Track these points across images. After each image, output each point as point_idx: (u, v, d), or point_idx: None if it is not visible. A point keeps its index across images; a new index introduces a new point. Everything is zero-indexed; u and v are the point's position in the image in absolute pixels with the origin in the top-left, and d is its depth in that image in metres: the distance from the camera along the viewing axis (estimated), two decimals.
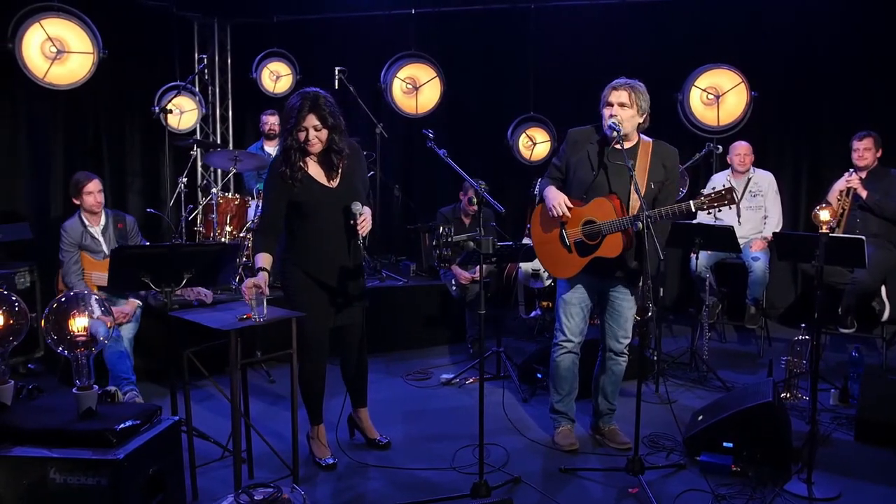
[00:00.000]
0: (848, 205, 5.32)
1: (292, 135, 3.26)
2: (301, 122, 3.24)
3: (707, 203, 3.25)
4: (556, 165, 3.66)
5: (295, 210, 3.37)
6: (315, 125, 3.26)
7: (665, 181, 3.49)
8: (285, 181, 3.30)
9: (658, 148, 3.51)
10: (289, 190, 3.32)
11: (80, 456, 2.24)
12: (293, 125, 3.25)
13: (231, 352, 2.88)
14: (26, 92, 5.73)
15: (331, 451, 3.61)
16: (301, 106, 3.23)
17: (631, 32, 6.85)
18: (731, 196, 3.22)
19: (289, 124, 3.27)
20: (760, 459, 3.44)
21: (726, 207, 3.26)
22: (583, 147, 3.55)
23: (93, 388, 2.45)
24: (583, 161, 3.52)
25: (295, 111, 3.24)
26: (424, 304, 5.92)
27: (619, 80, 3.46)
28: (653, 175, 3.45)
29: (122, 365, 4.27)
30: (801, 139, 6.69)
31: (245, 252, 5.47)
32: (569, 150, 3.60)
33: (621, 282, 3.57)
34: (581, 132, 3.62)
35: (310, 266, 3.41)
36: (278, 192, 3.34)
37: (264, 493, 2.58)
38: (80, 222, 4.57)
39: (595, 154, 3.50)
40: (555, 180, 3.63)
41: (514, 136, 6.97)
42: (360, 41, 7.30)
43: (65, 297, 2.49)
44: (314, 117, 3.24)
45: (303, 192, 3.33)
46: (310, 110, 3.23)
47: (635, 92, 3.41)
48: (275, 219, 3.38)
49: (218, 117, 7.64)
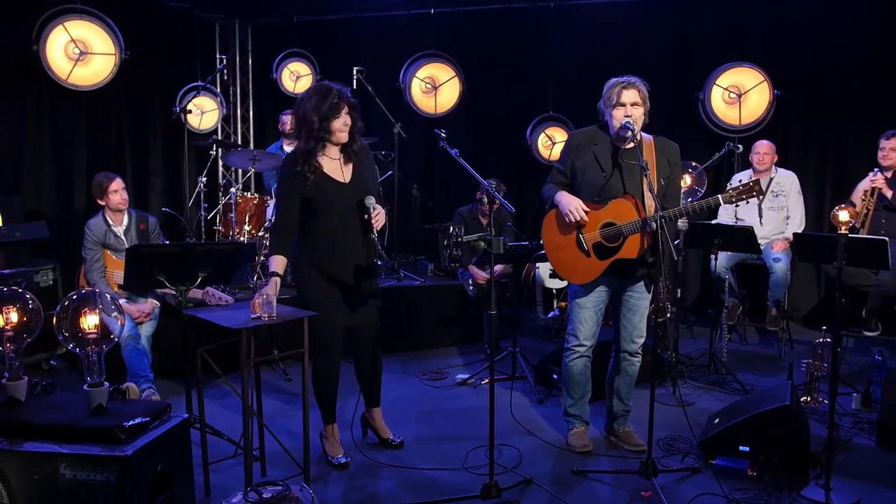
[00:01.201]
0: (873, 205, 5.21)
1: (324, 126, 3.27)
2: (340, 108, 3.28)
3: (735, 196, 3.28)
4: (560, 170, 3.59)
5: (308, 207, 3.39)
6: (347, 114, 3.32)
7: (670, 176, 3.46)
8: (298, 177, 3.32)
9: (660, 144, 3.48)
10: (302, 186, 3.33)
11: (90, 452, 2.27)
12: (330, 113, 3.27)
13: (242, 350, 2.90)
14: (51, 93, 5.83)
15: (343, 450, 3.62)
16: (335, 95, 3.28)
17: (651, 30, 6.79)
18: (758, 188, 3.25)
19: (321, 112, 3.26)
20: (777, 464, 3.38)
21: (746, 204, 3.25)
22: (587, 149, 3.50)
23: (104, 385, 2.48)
24: (590, 163, 3.47)
25: (329, 100, 3.26)
26: (442, 304, 5.92)
27: (628, 78, 3.41)
28: (660, 172, 3.41)
29: (140, 363, 4.32)
30: (826, 138, 6.57)
31: (263, 251, 5.51)
32: (572, 154, 3.54)
33: (640, 280, 3.53)
34: (583, 134, 3.58)
35: (323, 263, 3.42)
36: (292, 188, 3.36)
37: (273, 490, 2.60)
38: (104, 221, 4.64)
39: (604, 155, 3.45)
40: (560, 185, 3.57)
41: (534, 135, 6.95)
42: (379, 41, 7.32)
43: (76, 294, 2.52)
44: (347, 107, 3.32)
45: (316, 188, 3.35)
46: (344, 100, 3.30)
47: (642, 90, 3.39)
48: (289, 216, 3.39)
49: (239, 117, 7.71)
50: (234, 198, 5.62)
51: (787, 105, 6.05)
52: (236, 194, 5.66)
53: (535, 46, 7.18)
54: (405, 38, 7.13)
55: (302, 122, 3.33)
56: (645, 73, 3.48)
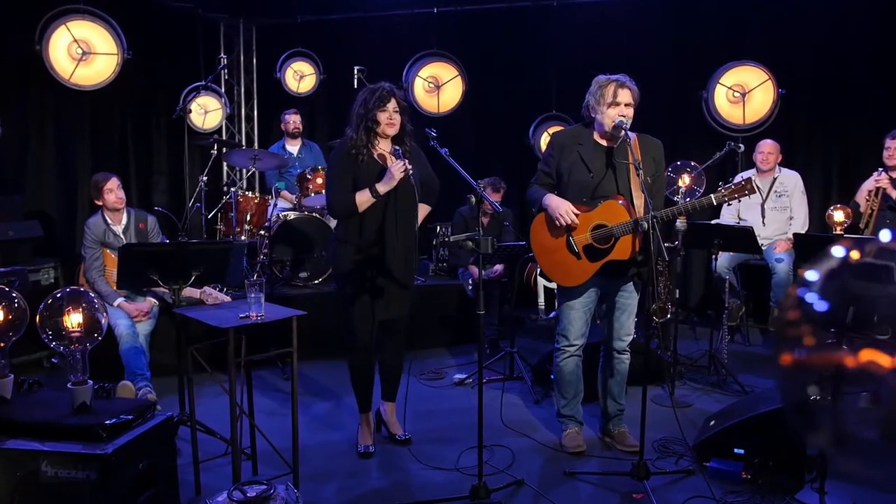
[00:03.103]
0: (877, 205, 5.14)
1: (370, 116, 3.44)
2: (386, 102, 3.43)
3: (728, 195, 3.24)
4: (545, 171, 3.55)
5: (356, 188, 3.47)
6: (395, 108, 3.47)
7: (655, 174, 3.44)
8: (350, 158, 3.46)
9: (645, 142, 3.45)
10: (354, 166, 3.46)
11: (71, 450, 2.28)
12: (375, 105, 3.42)
13: (229, 349, 2.90)
14: (54, 93, 5.88)
15: (372, 440, 3.76)
16: (384, 91, 3.45)
17: (653, 29, 6.75)
18: (750, 186, 3.21)
19: (369, 105, 3.44)
20: (772, 467, 3.34)
21: (739, 203, 3.20)
22: (572, 150, 3.46)
23: (88, 384, 2.49)
24: (576, 164, 3.43)
25: (377, 94, 3.44)
26: (442, 304, 5.90)
27: (621, 77, 3.38)
28: (646, 170, 3.37)
29: (138, 361, 4.33)
30: (832, 137, 6.50)
31: (263, 251, 5.52)
32: (557, 155, 3.50)
33: (630, 280, 3.51)
34: (567, 134, 3.56)
35: (363, 247, 3.51)
36: (345, 169, 3.48)
37: (258, 489, 2.60)
38: (103, 220, 4.65)
39: (589, 155, 3.42)
40: (545, 187, 3.53)
41: (536, 135, 6.94)
42: (382, 40, 7.32)
43: (60, 293, 2.53)
44: (395, 102, 3.47)
45: (366, 169, 3.46)
46: (392, 95, 3.46)
47: (635, 91, 3.37)
48: (345, 193, 3.47)
49: (243, 117, 7.74)
50: (234, 197, 5.63)
51: (793, 104, 5.99)
52: (237, 193, 5.67)
53: (537, 45, 7.16)
54: (408, 38, 7.14)
55: (354, 113, 3.51)
56: (648, 72, 3.49)
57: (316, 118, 7.72)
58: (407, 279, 3.65)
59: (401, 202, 3.52)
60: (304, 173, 5.84)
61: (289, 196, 6.05)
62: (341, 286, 3.64)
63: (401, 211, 3.53)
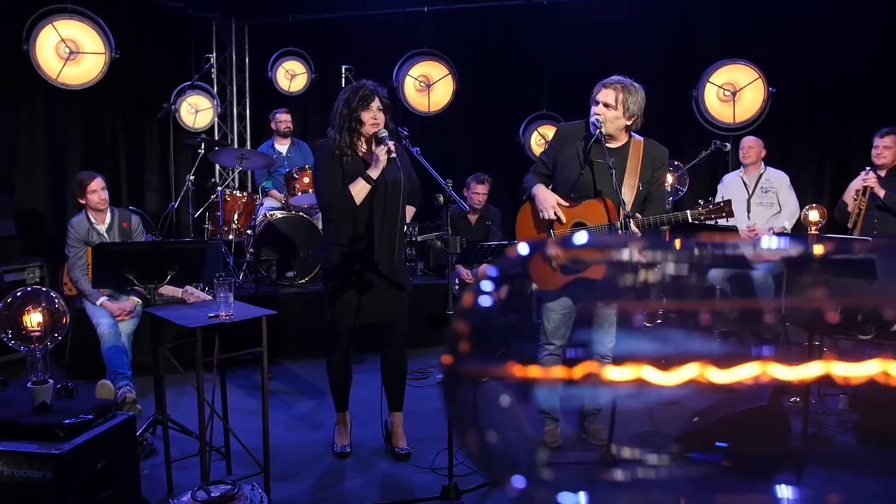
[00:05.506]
0: (865, 204, 5.09)
1: (354, 116, 3.39)
2: (369, 101, 3.39)
3: (704, 214, 3.20)
4: (543, 161, 3.56)
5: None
6: (378, 107, 3.42)
7: (651, 179, 3.40)
8: (336, 157, 3.41)
9: (649, 147, 3.42)
10: (340, 164, 3.41)
11: (26, 449, 2.28)
12: (359, 105, 3.39)
13: (198, 348, 2.90)
14: (45, 92, 5.88)
15: (348, 440, 3.73)
16: (366, 90, 3.42)
17: (645, 28, 6.72)
18: (728, 209, 3.19)
19: (352, 105, 3.39)
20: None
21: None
22: (572, 144, 3.45)
23: (48, 383, 2.49)
24: (571, 158, 3.42)
25: (360, 93, 3.39)
26: (428, 303, 5.87)
27: (613, 77, 3.35)
28: (642, 175, 3.34)
29: (119, 360, 4.32)
30: (826, 136, 6.46)
31: (250, 249, 5.52)
32: (556, 147, 3.51)
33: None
34: (570, 128, 3.53)
35: (352, 247, 3.46)
36: (332, 166, 3.42)
37: (223, 489, 2.60)
38: (87, 220, 4.65)
39: (582, 151, 3.41)
40: (540, 176, 3.53)
41: (526, 133, 6.90)
42: (374, 39, 7.31)
43: (20, 292, 2.52)
44: (378, 101, 3.42)
45: (351, 172, 3.41)
46: (375, 94, 3.43)
47: (625, 93, 3.29)
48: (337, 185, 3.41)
49: (235, 116, 7.74)
50: (220, 196, 5.63)
51: (787, 102, 5.94)
52: (223, 192, 5.67)
53: (528, 44, 7.14)
54: (399, 37, 7.11)
55: (336, 113, 3.48)
56: (639, 72, 3.44)
57: (307, 117, 7.72)
58: (396, 280, 3.55)
59: (388, 204, 3.47)
60: (291, 172, 5.83)
61: (277, 195, 6.04)
62: (327, 284, 3.60)
63: (388, 213, 3.47)
